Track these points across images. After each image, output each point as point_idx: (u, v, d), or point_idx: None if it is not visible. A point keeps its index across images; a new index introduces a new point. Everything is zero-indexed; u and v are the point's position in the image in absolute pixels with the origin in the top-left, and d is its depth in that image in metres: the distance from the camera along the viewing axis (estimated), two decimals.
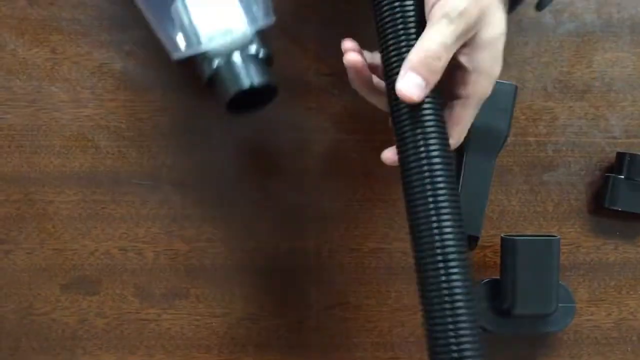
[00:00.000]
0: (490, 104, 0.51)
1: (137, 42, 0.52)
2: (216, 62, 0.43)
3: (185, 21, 0.44)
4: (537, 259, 0.47)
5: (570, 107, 0.53)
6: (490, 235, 0.52)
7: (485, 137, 0.51)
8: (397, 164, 0.40)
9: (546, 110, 0.53)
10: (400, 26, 0.38)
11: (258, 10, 0.45)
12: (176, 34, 0.45)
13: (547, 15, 0.53)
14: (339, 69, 0.53)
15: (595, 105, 0.53)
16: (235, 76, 0.43)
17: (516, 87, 0.51)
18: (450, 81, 0.40)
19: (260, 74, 0.43)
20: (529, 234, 0.52)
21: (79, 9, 0.52)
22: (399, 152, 0.39)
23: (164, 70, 0.52)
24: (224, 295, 0.52)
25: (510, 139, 0.52)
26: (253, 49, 0.44)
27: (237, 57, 0.43)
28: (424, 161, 0.37)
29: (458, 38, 0.37)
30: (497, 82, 0.51)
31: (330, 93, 0.53)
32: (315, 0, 0.53)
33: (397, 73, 0.38)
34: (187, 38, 0.44)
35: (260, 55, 0.44)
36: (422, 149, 0.37)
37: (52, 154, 0.51)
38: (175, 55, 0.45)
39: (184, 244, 0.51)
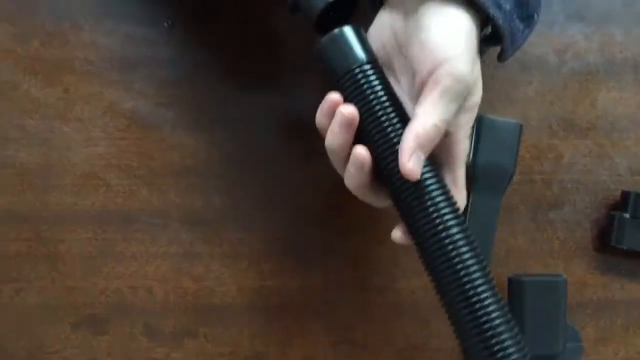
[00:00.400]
0: (496, 143, 0.52)
1: (147, 81, 0.53)
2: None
3: None
4: (544, 300, 0.48)
5: (575, 145, 0.54)
6: (497, 273, 0.52)
7: (491, 175, 0.51)
8: (409, 242, 0.40)
9: (551, 148, 0.54)
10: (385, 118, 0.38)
11: None
12: None
13: (551, 54, 0.54)
14: None
15: (599, 144, 0.54)
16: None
17: (521, 126, 0.52)
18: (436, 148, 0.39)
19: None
20: (536, 273, 0.52)
21: (91, 49, 0.53)
22: (412, 229, 0.39)
23: (173, 109, 0.53)
24: (232, 334, 0.52)
25: (516, 177, 0.52)
26: None
27: None
28: (443, 234, 0.37)
29: (457, 111, 0.38)
30: (502, 121, 0.53)
31: None
32: None
33: (391, 154, 0.38)
34: None
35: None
36: (437, 221, 0.37)
37: (64, 192, 0.52)
38: None
39: (193, 282, 0.52)
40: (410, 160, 0.36)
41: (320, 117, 0.39)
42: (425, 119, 0.37)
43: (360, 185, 0.39)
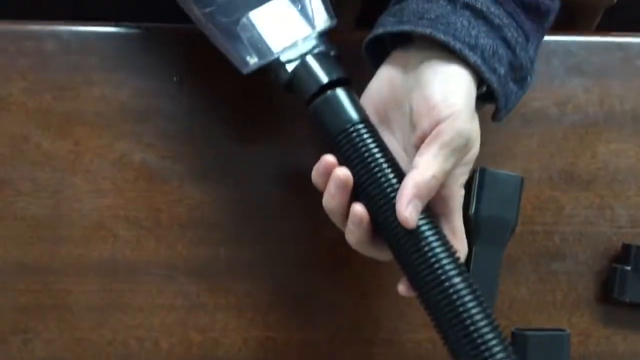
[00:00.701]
0: (498, 196, 0.53)
1: (156, 134, 0.55)
2: (292, 67, 0.44)
3: (255, 35, 0.45)
4: (547, 354, 0.48)
5: (576, 197, 0.55)
6: (501, 326, 0.53)
7: (493, 228, 0.52)
8: (414, 294, 0.41)
9: (552, 200, 0.55)
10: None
11: (317, 14, 0.45)
12: (245, 50, 0.46)
13: (551, 107, 0.56)
14: None
15: (600, 195, 0.55)
16: (313, 75, 0.43)
17: (522, 179, 0.53)
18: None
19: (335, 69, 0.43)
20: (539, 327, 0.53)
21: (101, 102, 0.55)
22: (414, 281, 0.40)
23: (181, 162, 0.54)
24: None
25: (517, 228, 0.53)
26: (322, 48, 0.44)
27: (310, 59, 0.43)
28: (446, 284, 0.38)
29: (456, 164, 0.40)
30: (504, 174, 0.54)
31: None
32: None
33: (388, 209, 0.39)
34: (257, 50, 0.45)
35: (331, 53, 0.44)
36: (439, 271, 0.38)
37: (72, 244, 0.53)
38: (246, 69, 0.45)
39: (199, 334, 0.53)
40: (408, 209, 0.38)
41: (316, 177, 0.42)
42: (425, 170, 0.38)
43: (361, 241, 0.41)
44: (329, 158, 0.41)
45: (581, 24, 0.68)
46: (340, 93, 0.42)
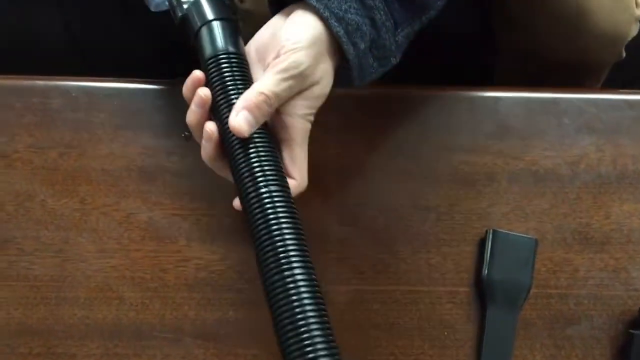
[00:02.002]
0: (511, 258, 0.53)
1: (163, 192, 0.55)
2: (186, 5, 0.49)
3: None
4: None
5: (591, 258, 0.54)
6: None
7: (507, 291, 0.52)
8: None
9: (566, 262, 0.54)
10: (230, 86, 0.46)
11: None
12: None
13: (563, 166, 0.56)
14: (361, 220, 0.55)
15: (615, 257, 0.54)
16: (201, 12, 0.49)
17: (537, 241, 0.53)
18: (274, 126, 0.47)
19: (223, 11, 0.49)
20: None
21: (108, 160, 0.55)
22: (241, 197, 0.44)
23: (188, 222, 0.54)
24: None
25: (532, 292, 0.53)
26: None
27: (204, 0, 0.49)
28: (264, 189, 0.43)
29: (289, 92, 0.44)
30: (517, 236, 0.53)
31: (352, 243, 0.54)
32: (336, 151, 0.55)
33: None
34: None
35: (226, 2, 0.50)
36: (259, 175, 0.43)
37: (77, 305, 0.53)
38: (152, 5, 0.53)
39: None
40: (237, 118, 0.43)
41: (185, 91, 0.47)
42: (255, 86, 0.44)
43: (210, 156, 0.46)
44: (198, 74, 0.46)
45: (588, 79, 0.68)
46: (219, 26, 0.48)
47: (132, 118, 0.56)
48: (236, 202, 0.46)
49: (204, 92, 0.45)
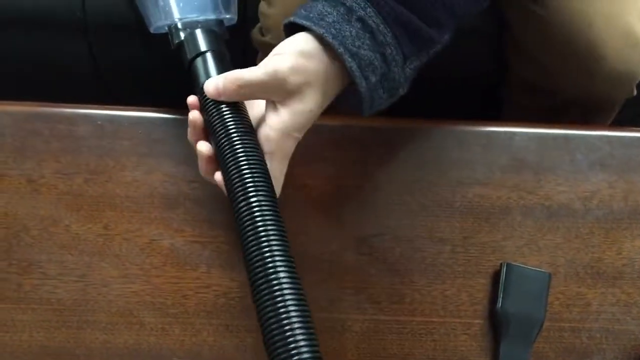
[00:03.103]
0: (526, 292, 0.55)
1: (185, 220, 0.56)
2: (184, 34, 0.55)
3: (168, 1, 0.57)
4: None
5: (603, 293, 0.56)
6: None
7: (520, 325, 0.54)
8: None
9: (579, 296, 0.56)
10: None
11: (224, 8, 0.58)
12: (157, 12, 0.57)
13: (576, 201, 0.58)
14: (378, 250, 0.56)
15: (627, 292, 0.56)
16: (195, 43, 0.54)
17: (550, 275, 0.54)
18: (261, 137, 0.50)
19: (216, 43, 0.54)
20: None
21: (132, 187, 0.57)
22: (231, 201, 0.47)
23: (209, 249, 0.56)
24: None
25: (545, 325, 0.54)
26: (215, 29, 0.55)
27: (199, 32, 0.54)
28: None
29: (263, 89, 0.48)
30: (531, 270, 0.55)
31: (369, 273, 0.56)
32: (353, 182, 0.57)
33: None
34: (165, 13, 0.57)
35: (219, 33, 0.55)
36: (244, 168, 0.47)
37: (98, 329, 0.54)
38: (152, 28, 0.58)
39: None
40: (214, 81, 0.49)
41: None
42: (240, 72, 0.49)
43: (204, 172, 0.51)
44: (191, 99, 0.52)
45: (599, 117, 0.70)
46: (211, 56, 0.53)
47: (155, 146, 0.58)
48: (217, 176, 0.50)
49: (194, 115, 0.51)
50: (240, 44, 0.73)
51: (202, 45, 0.54)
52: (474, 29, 0.74)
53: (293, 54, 0.48)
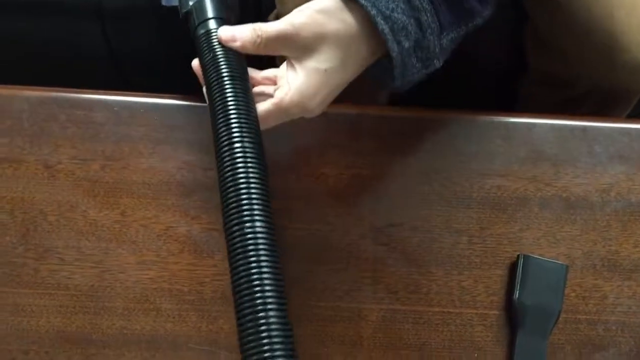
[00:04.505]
0: (542, 284, 0.55)
1: (202, 207, 0.57)
2: (191, 3, 0.53)
3: None
4: None
5: (619, 286, 0.57)
6: None
7: (537, 316, 0.55)
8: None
9: (595, 288, 0.57)
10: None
11: None
12: None
13: (593, 193, 0.58)
14: (395, 241, 0.57)
15: None
16: (202, 10, 0.53)
17: (567, 267, 0.55)
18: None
19: (220, 11, 0.52)
20: None
21: (149, 173, 0.58)
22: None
23: None
24: None
25: (561, 317, 0.55)
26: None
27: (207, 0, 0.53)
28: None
29: (279, 42, 0.48)
30: (548, 262, 0.56)
31: (386, 263, 0.56)
32: (370, 172, 0.58)
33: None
34: None
35: (228, 2, 0.54)
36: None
37: (115, 315, 0.55)
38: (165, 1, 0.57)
39: None
40: (228, 30, 0.49)
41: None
42: (252, 25, 0.49)
43: None
44: (195, 62, 0.52)
45: (617, 108, 0.71)
46: (216, 23, 0.51)
47: (172, 133, 0.59)
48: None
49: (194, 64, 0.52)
50: None
51: (210, 12, 0.53)
52: (492, 20, 0.74)
53: (312, 10, 0.48)
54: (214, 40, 0.50)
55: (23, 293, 0.56)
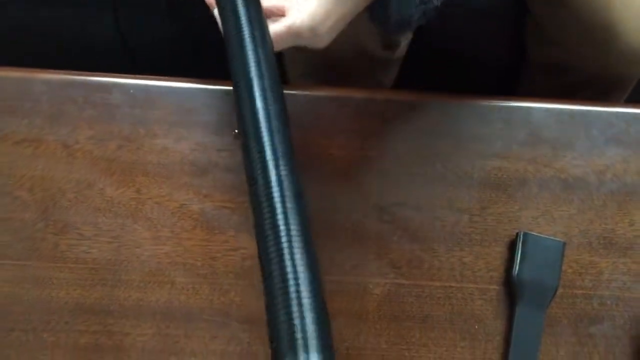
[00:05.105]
0: (540, 260, 0.58)
1: (214, 186, 0.60)
2: None
3: None
4: None
5: (614, 262, 0.60)
6: None
7: (535, 291, 0.57)
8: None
9: (592, 265, 0.59)
10: None
11: None
12: None
13: (591, 175, 0.61)
14: (399, 219, 0.60)
15: (637, 262, 0.60)
16: None
17: (564, 244, 0.58)
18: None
19: None
20: None
21: (163, 154, 0.61)
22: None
23: (237, 213, 0.60)
24: None
25: (559, 292, 0.58)
26: None
27: None
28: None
29: None
30: (546, 239, 0.58)
31: (390, 239, 0.59)
32: (376, 154, 0.61)
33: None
34: None
35: None
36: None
37: (131, 287, 0.58)
38: None
39: None
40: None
41: None
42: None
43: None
44: None
45: (614, 93, 0.74)
46: None
47: (186, 115, 0.62)
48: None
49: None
50: None
51: None
52: (493, 10, 0.77)
53: None
54: None
55: (43, 266, 0.59)
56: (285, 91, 0.49)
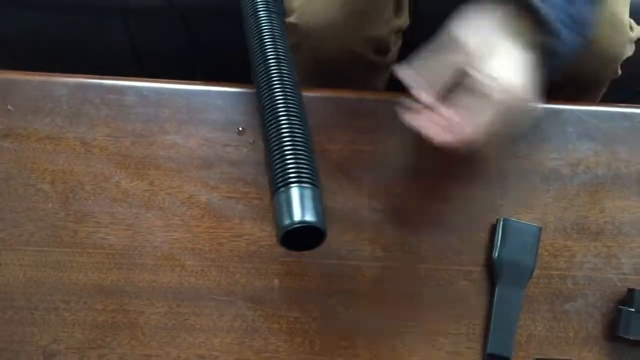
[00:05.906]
0: (518, 243, 0.64)
1: (220, 178, 0.66)
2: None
3: None
4: None
5: (586, 246, 0.66)
6: (519, 357, 0.64)
7: (514, 271, 0.64)
8: None
9: (566, 248, 0.66)
10: None
11: None
12: None
13: (565, 167, 0.68)
14: (391, 206, 0.66)
15: (607, 246, 0.66)
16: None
17: (540, 229, 0.64)
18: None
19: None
20: (553, 359, 0.63)
21: (173, 149, 0.67)
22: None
23: (242, 203, 0.66)
24: None
25: (535, 272, 0.64)
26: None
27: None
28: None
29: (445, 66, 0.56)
30: (523, 224, 0.65)
31: (382, 226, 0.66)
32: (369, 148, 0.67)
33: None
34: None
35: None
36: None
37: (145, 270, 0.64)
38: None
39: (253, 354, 0.63)
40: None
41: None
42: None
43: None
44: None
45: (587, 95, 0.80)
46: None
47: (194, 114, 0.68)
48: None
49: None
50: None
51: None
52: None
53: (473, 20, 0.56)
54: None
55: (64, 252, 0.65)
56: None
